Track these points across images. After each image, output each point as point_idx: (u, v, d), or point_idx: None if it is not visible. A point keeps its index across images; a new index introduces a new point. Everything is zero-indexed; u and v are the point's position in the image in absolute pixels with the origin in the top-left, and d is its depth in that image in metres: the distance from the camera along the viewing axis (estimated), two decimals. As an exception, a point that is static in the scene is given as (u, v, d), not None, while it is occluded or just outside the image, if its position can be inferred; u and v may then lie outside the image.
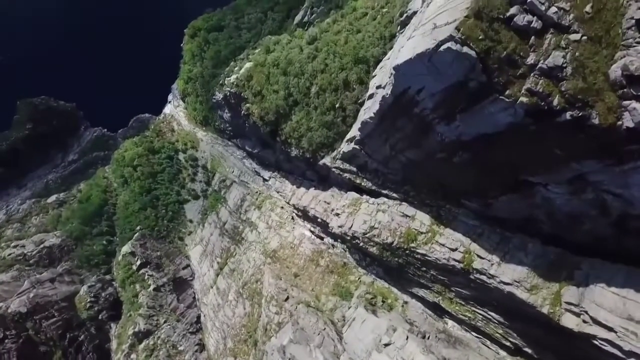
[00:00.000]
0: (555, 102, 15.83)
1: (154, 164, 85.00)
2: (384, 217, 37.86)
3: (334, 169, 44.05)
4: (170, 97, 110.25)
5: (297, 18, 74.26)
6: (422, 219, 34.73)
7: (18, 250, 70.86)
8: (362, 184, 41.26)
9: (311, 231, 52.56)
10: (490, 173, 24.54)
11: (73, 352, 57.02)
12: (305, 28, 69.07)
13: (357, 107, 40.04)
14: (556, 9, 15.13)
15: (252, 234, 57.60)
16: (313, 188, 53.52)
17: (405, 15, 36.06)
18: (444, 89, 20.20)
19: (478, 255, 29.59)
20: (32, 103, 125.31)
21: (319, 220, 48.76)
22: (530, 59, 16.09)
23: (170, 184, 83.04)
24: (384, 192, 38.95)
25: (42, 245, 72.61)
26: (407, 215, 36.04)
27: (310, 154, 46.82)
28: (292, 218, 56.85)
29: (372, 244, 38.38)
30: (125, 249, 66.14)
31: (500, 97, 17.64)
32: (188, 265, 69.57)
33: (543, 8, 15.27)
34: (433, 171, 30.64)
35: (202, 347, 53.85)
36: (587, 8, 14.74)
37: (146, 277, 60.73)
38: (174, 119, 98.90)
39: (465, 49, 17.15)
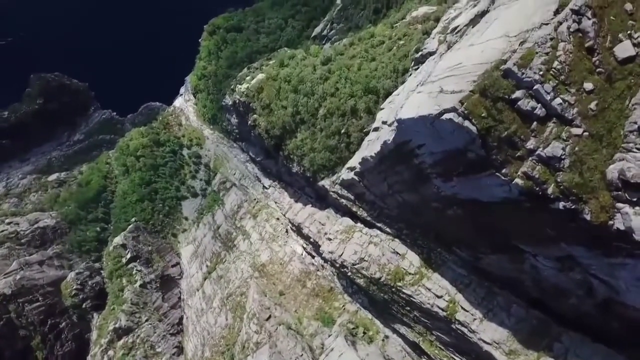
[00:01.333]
0: (550, 190, 15.71)
1: (157, 157, 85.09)
2: (375, 250, 37.70)
3: (332, 193, 43.97)
4: (182, 90, 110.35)
5: (317, 30, 74.41)
6: (412, 260, 34.57)
7: (11, 227, 70.92)
8: (358, 212, 41.14)
9: (303, 247, 52.45)
10: (482, 232, 24.40)
11: (52, 339, 57.02)
12: (323, 42, 69.31)
13: (362, 135, 39.89)
14: (561, 101, 15.00)
15: (244, 243, 57.51)
16: (310, 205, 53.39)
17: (420, 53, 36.06)
18: (444, 151, 20.10)
19: (462, 307, 29.45)
20: (45, 78, 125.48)
21: (311, 240, 48.66)
22: (530, 144, 15.96)
23: (171, 178, 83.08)
24: (378, 224, 38.80)
25: (36, 225, 72.69)
26: (397, 253, 35.89)
27: (310, 174, 46.73)
28: (287, 231, 56.76)
29: (360, 275, 38.20)
30: (117, 240, 66.08)
31: (497, 173, 17.54)
32: (178, 264, 69.52)
33: (548, 97, 15.14)
34: (427, 216, 30.50)
35: (180, 350, 53.71)
36: (592, 105, 14.62)
37: (134, 272, 60.66)
38: (183, 113, 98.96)
39: (467, 124, 17.04)
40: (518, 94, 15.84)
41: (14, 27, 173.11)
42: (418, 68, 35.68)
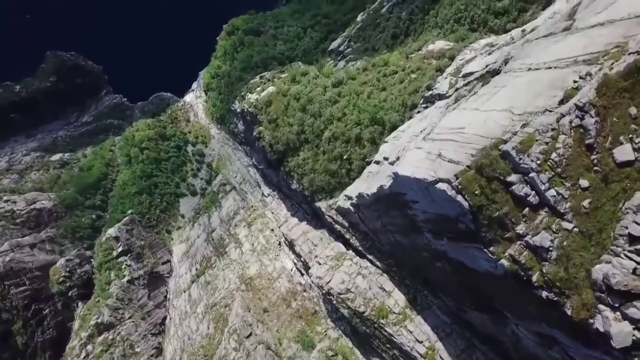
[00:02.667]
0: (535, 278, 15.53)
1: (161, 151, 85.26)
2: (362, 282, 37.54)
3: (327, 216, 43.87)
4: (194, 85, 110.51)
5: (334, 44, 74.29)
6: (398, 299, 34.43)
7: (8, 205, 71.06)
8: (351, 240, 41.01)
9: (294, 263, 52.35)
10: (468, 290, 24.25)
11: (34, 324, 57.02)
12: (339, 58, 69.27)
13: (363, 164, 39.72)
14: (555, 193, 14.84)
15: (235, 252, 57.43)
16: (305, 222, 53.31)
17: (430, 92, 36.01)
18: (436, 214, 19.97)
19: (441, 357, 29.32)
20: (60, 57, 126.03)
21: (302, 258, 48.58)
22: (520, 229, 15.79)
23: (172, 174, 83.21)
24: (369, 256, 38.66)
25: (32, 206, 72.81)
26: (384, 289, 35.75)
27: (308, 193, 46.61)
28: (279, 244, 56.70)
29: (344, 306, 38.00)
30: (111, 231, 66.05)
31: (485, 249, 17.43)
32: (168, 261, 69.46)
33: (543, 188, 14.98)
34: (417, 260, 30.35)
35: (159, 351, 53.61)
36: (585, 202, 14.45)
37: (123, 266, 60.61)
38: (192, 109, 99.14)
39: (460, 198, 16.93)
40: (514, 178, 15.70)
41: (38, 3, 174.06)
42: (427, 107, 35.62)
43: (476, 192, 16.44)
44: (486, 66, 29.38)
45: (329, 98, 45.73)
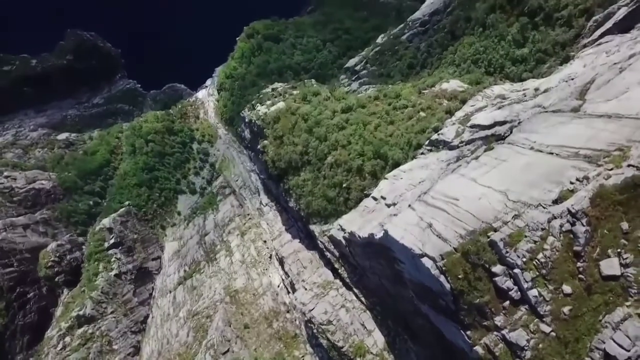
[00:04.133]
0: (507, 373, 15.38)
1: (166, 145, 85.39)
2: (345, 316, 37.31)
3: (320, 242, 43.68)
4: (208, 82, 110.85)
5: (351, 62, 74.11)
6: (377, 339, 34.19)
7: (8, 182, 71.13)
8: (340, 270, 40.81)
9: (282, 279, 52.18)
10: (444, 349, 24.02)
11: (16, 307, 56.91)
12: (353, 78, 69.15)
13: (361, 195, 39.54)
14: (537, 294, 14.63)
15: (224, 260, 57.26)
16: (298, 240, 53.12)
17: (435, 137, 35.86)
18: (420, 282, 19.79)
19: (413, 407, 29.07)
20: (80, 36, 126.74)
21: (289, 278, 48.41)
22: (499, 320, 15.58)
23: (174, 170, 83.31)
24: (356, 290, 38.44)
25: (32, 185, 72.88)
26: (365, 327, 35.54)
27: (304, 214, 46.42)
28: (270, 257, 56.58)
29: (324, 336, 37.74)
30: (105, 222, 65.99)
31: (462, 331, 17.23)
32: (159, 257, 69.39)
33: (526, 286, 14.79)
34: (401, 307, 30.17)
35: (136, 350, 53.33)
36: (566, 309, 14.24)
37: (113, 259, 60.46)
38: (203, 106, 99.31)
39: (442, 279, 16.77)
40: (498, 269, 15.52)
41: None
42: (430, 151, 35.52)
43: (460, 276, 16.28)
44: (494, 122, 29.25)
45: (336, 123, 45.61)
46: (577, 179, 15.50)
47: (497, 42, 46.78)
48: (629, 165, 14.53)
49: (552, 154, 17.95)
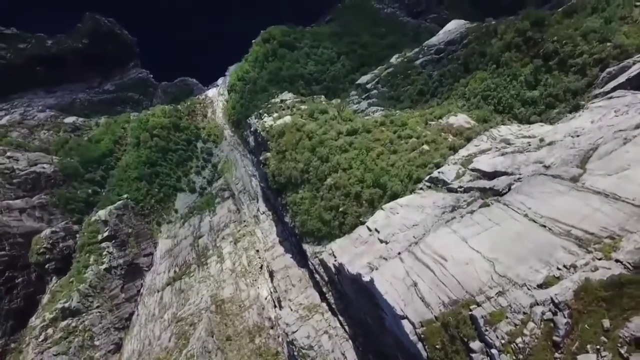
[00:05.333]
0: None
1: (171, 141, 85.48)
2: (327, 343, 37.12)
3: (310, 262, 43.57)
4: (220, 81, 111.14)
5: (363, 79, 74.00)
6: (355, 373, 34.02)
7: (9, 162, 71.25)
8: (327, 295, 40.68)
9: (270, 292, 52.01)
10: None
11: (3, 292, 56.86)
12: (363, 96, 69.05)
13: (357, 222, 39.31)
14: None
15: (215, 267, 57.16)
16: (291, 255, 53.06)
17: (436, 174, 35.76)
18: (399, 338, 19.63)
19: None
20: (98, 21, 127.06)
21: (277, 294, 48.30)
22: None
23: (176, 167, 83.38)
24: (340, 317, 38.27)
25: (33, 168, 72.94)
26: (346, 358, 35.32)
27: (298, 232, 46.27)
28: (261, 267, 56.45)
29: (303, 360, 37.64)
30: (102, 213, 65.95)
31: (435, 396, 17.10)
32: (151, 254, 69.32)
33: (499, 377, 14.68)
34: (384, 344, 29.98)
35: (118, 347, 53.20)
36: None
37: (105, 253, 60.40)
38: (212, 105, 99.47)
39: (420, 346, 16.62)
40: (476, 345, 15.34)
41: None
42: (430, 188, 35.45)
43: (437, 346, 16.15)
44: (494, 171, 29.17)
45: (340, 145, 45.50)
46: (565, 266, 15.37)
47: (509, 81, 46.66)
48: (616, 261, 14.39)
49: (545, 227, 17.80)
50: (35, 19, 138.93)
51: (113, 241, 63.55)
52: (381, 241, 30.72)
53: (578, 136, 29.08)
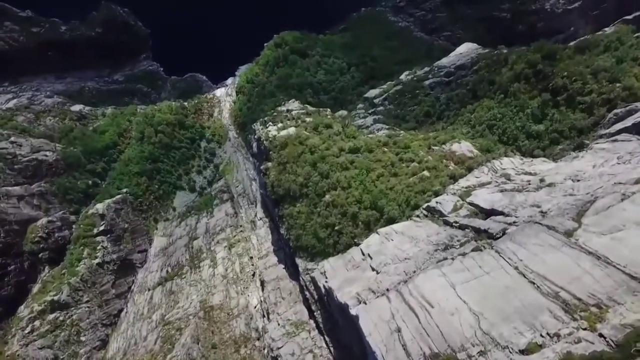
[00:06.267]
0: None
1: (175, 139, 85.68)
2: (311, 362, 37.08)
3: (302, 278, 43.45)
4: (229, 81, 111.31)
5: (371, 93, 73.81)
6: (337, 396, 33.86)
7: (12, 148, 71.41)
8: (315, 314, 40.58)
9: (260, 302, 51.87)
10: None
11: (-6, 278, 57.20)
12: (370, 111, 68.92)
13: (351, 242, 39.15)
14: None
15: (207, 271, 57.08)
16: (284, 267, 53.02)
17: (434, 203, 35.66)
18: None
19: None
20: (114, 11, 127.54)
21: (266, 305, 48.27)
22: None
23: (178, 165, 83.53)
24: (327, 338, 38.17)
25: (35, 155, 73.08)
26: (328, 380, 35.25)
27: (292, 245, 46.11)
28: (253, 274, 56.37)
29: (286, 379, 37.57)
30: (99, 207, 65.97)
31: None
32: (145, 250, 69.33)
33: None
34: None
35: (104, 344, 53.12)
36: None
37: (99, 247, 60.37)
38: (219, 105, 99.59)
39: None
40: None
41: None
42: (426, 217, 35.38)
43: None
44: (491, 209, 29.08)
45: (341, 162, 45.41)
46: (548, 334, 15.21)
47: (515, 112, 46.52)
48: (600, 335, 14.26)
49: (534, 283, 17.67)
50: (50, 3, 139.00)
51: (108, 235, 63.55)
52: (373, 269, 30.65)
53: (578, 181, 28.96)
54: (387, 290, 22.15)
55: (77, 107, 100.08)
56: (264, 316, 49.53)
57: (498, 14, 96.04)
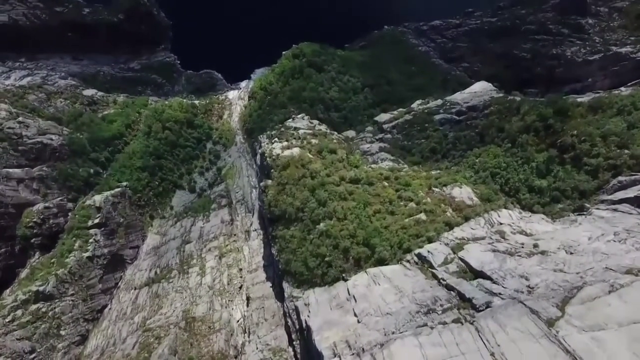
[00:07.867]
0: None
1: (181, 137, 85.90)
2: (285, 391, 36.92)
3: (286, 304, 43.29)
4: (242, 84, 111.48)
5: (381, 117, 73.57)
6: None
7: (18, 129, 71.48)
8: (294, 343, 40.56)
9: (243, 317, 51.70)
10: None
11: (-16, 261, 57.18)
12: (378, 136, 68.71)
13: (340, 276, 39.08)
14: None
15: (194, 279, 56.89)
16: (271, 285, 53.10)
17: (425, 251, 35.59)
18: None
19: None
20: (138, 0, 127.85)
21: (247, 323, 48.28)
22: None
23: (181, 163, 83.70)
24: (306, 368, 38.00)
25: (41, 138, 73.10)
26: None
27: (281, 268, 45.94)
28: (240, 287, 56.25)
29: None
30: (97, 199, 65.85)
31: None
32: (137, 247, 69.32)
33: None
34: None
35: (83, 339, 52.84)
36: None
37: (91, 240, 60.15)
38: (230, 108, 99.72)
39: None
40: None
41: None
42: (416, 264, 35.32)
43: None
44: (481, 270, 28.94)
45: (340, 192, 45.34)
46: None
47: (520, 164, 46.32)
48: None
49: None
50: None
51: (102, 229, 63.42)
52: (355, 314, 30.57)
53: (571, 254, 28.78)
54: (363, 350, 21.98)
55: (89, 92, 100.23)
56: (245, 332, 49.38)
57: (518, 53, 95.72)
